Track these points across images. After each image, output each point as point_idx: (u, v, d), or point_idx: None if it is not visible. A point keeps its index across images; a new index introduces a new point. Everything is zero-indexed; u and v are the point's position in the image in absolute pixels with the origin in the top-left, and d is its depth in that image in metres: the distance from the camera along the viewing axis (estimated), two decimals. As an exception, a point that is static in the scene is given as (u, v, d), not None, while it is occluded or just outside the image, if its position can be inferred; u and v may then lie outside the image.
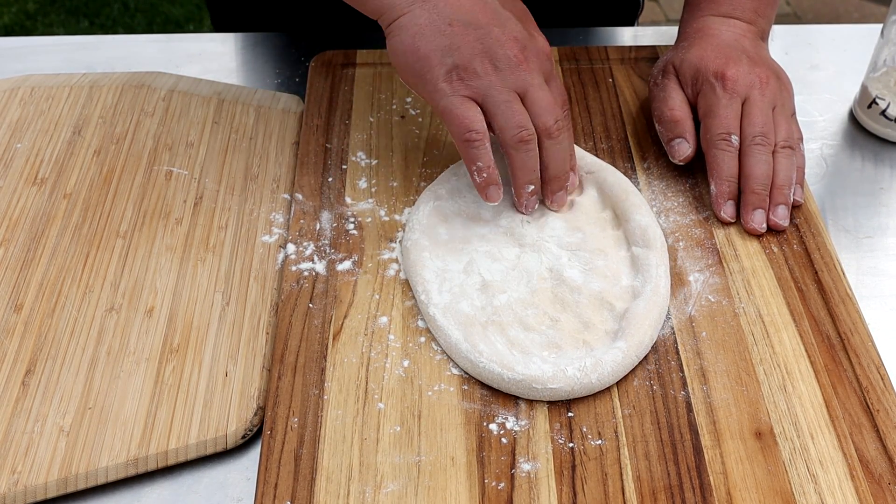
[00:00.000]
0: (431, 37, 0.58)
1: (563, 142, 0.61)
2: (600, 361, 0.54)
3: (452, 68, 0.58)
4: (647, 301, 0.57)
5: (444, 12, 0.58)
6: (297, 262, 0.62)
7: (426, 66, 0.58)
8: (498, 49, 0.58)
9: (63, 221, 0.65)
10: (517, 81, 0.59)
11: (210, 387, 0.55)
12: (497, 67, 0.58)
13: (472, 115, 0.58)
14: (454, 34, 0.58)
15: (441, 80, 0.58)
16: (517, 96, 0.59)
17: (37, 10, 2.26)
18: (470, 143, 0.58)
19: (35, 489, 0.51)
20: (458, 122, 0.58)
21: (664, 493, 0.50)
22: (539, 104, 0.59)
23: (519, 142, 0.59)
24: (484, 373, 0.54)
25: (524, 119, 0.59)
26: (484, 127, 0.59)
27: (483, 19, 0.59)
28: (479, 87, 0.58)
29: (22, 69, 0.81)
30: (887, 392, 0.55)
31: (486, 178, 0.60)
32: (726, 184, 0.65)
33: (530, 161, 0.60)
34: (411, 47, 0.58)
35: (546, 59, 0.62)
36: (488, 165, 0.59)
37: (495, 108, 0.59)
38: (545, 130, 0.60)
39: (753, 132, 0.65)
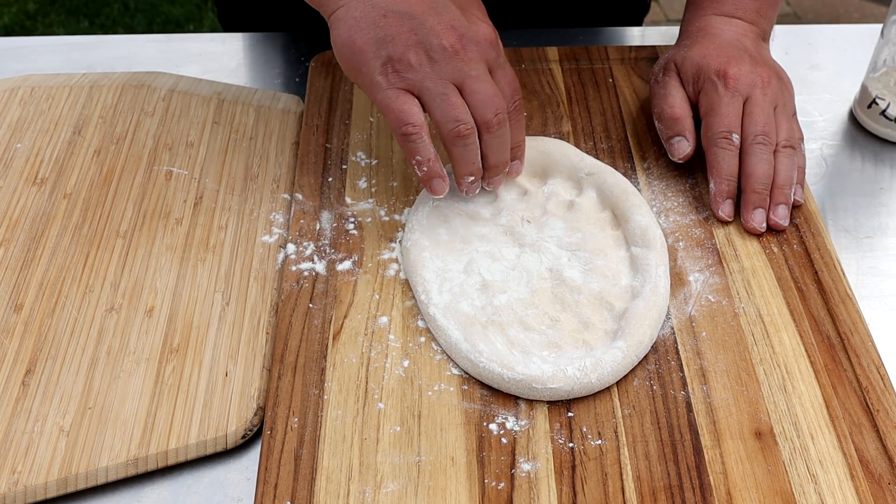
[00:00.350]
0: (366, 29, 0.57)
1: (502, 134, 0.60)
2: (600, 361, 0.54)
3: (387, 61, 0.57)
4: (647, 301, 0.57)
5: (379, 4, 0.57)
6: (297, 262, 0.62)
7: (362, 60, 0.57)
8: (433, 39, 0.57)
9: (63, 221, 0.65)
10: (454, 72, 0.57)
11: (210, 387, 0.55)
12: (432, 59, 0.57)
13: (408, 108, 0.57)
14: (388, 25, 0.57)
15: (377, 73, 0.57)
16: (454, 88, 0.58)
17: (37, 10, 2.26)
18: (407, 136, 0.58)
19: (35, 489, 0.51)
20: (394, 116, 0.57)
21: (664, 493, 0.50)
22: (477, 96, 0.58)
23: (456, 136, 0.58)
24: (484, 373, 0.54)
25: (461, 112, 0.58)
26: (421, 119, 0.58)
27: (418, 9, 0.57)
28: (415, 80, 0.57)
29: (22, 69, 0.81)
30: (887, 392, 0.55)
31: (428, 170, 0.59)
32: (725, 182, 0.65)
33: (469, 154, 0.59)
34: (348, 40, 0.58)
35: (489, 46, 0.60)
36: (428, 158, 0.59)
37: (431, 101, 0.58)
38: (484, 124, 0.59)
39: (755, 131, 0.64)
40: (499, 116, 0.59)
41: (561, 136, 0.72)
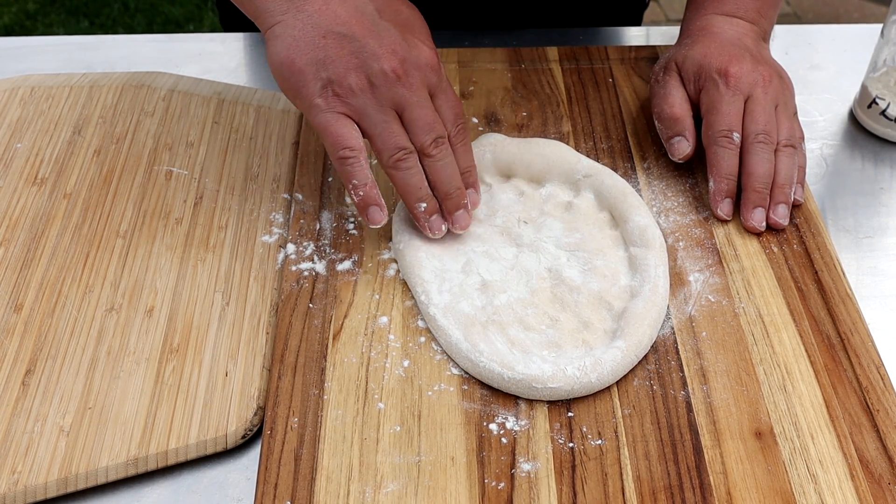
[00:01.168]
0: (306, 49, 0.56)
1: (443, 159, 0.59)
2: (599, 361, 0.54)
3: (327, 83, 0.56)
4: (646, 301, 0.57)
5: (319, 23, 0.56)
6: (297, 262, 0.62)
7: (301, 81, 0.56)
8: (374, 63, 0.56)
9: (63, 221, 0.65)
10: (394, 98, 0.57)
11: (210, 387, 0.55)
12: (372, 84, 0.56)
13: (346, 132, 0.56)
14: (328, 47, 0.56)
15: (316, 96, 0.56)
16: (394, 114, 0.57)
17: (37, 10, 2.26)
18: (344, 160, 0.57)
19: (35, 489, 0.51)
20: (331, 140, 0.56)
21: (664, 493, 0.50)
22: (417, 123, 0.57)
23: (396, 161, 0.57)
24: (484, 372, 0.54)
25: (401, 139, 0.57)
26: (359, 144, 0.57)
27: (359, 31, 0.56)
28: (355, 104, 0.56)
29: (22, 69, 0.81)
30: (887, 392, 0.55)
31: (364, 195, 0.58)
32: (725, 181, 0.64)
33: (411, 179, 0.58)
34: (286, 59, 0.56)
35: (430, 71, 0.58)
36: (364, 183, 0.57)
37: (371, 127, 0.57)
38: (422, 149, 0.58)
39: (756, 130, 0.64)
40: (438, 141, 0.58)
41: (561, 135, 0.72)
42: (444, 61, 0.79)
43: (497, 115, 0.74)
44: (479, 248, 0.62)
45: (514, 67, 0.78)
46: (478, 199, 0.63)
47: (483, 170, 0.67)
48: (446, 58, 0.79)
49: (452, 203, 0.60)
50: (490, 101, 0.75)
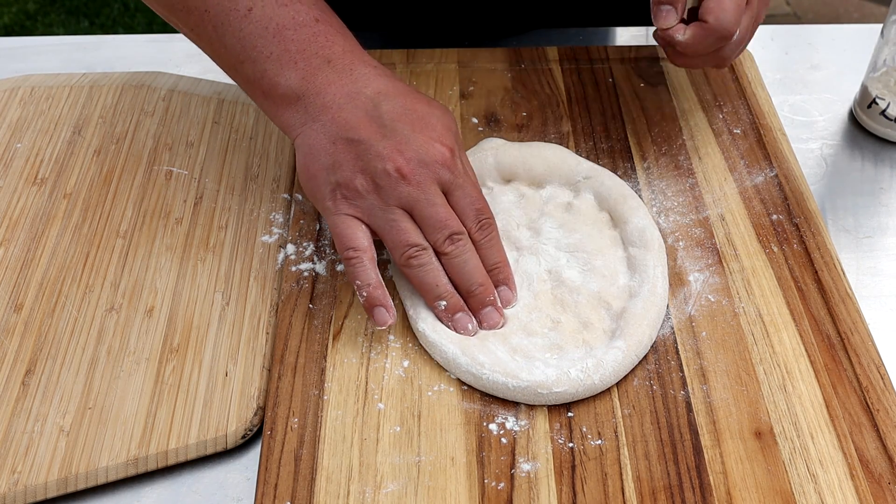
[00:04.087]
0: (318, 156, 0.57)
1: (460, 255, 0.57)
2: (601, 362, 0.54)
3: (336, 186, 0.57)
4: (645, 301, 0.57)
5: (331, 130, 0.57)
6: (297, 263, 0.62)
7: (315, 186, 0.58)
8: (378, 164, 0.56)
9: (63, 221, 0.65)
10: (401, 197, 0.56)
11: (210, 387, 0.55)
12: (378, 185, 0.56)
13: (352, 232, 0.56)
14: (337, 152, 0.57)
15: (327, 199, 0.57)
16: (404, 213, 0.56)
17: (37, 10, 2.26)
18: (348, 260, 0.56)
19: (35, 489, 0.51)
20: (338, 241, 0.57)
21: (664, 493, 0.50)
22: (427, 221, 0.56)
23: (408, 259, 0.56)
24: (488, 384, 0.54)
25: (412, 236, 0.56)
26: (363, 244, 0.56)
27: (365, 134, 0.56)
28: (363, 206, 0.56)
29: (22, 69, 0.81)
30: (887, 392, 0.55)
31: (368, 296, 0.56)
32: None
33: (427, 277, 0.57)
34: (303, 167, 0.58)
35: (442, 167, 0.57)
36: (368, 283, 0.56)
37: (380, 228, 0.57)
38: (436, 247, 0.57)
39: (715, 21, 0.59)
40: (452, 238, 0.57)
41: (561, 136, 0.72)
42: (444, 61, 0.78)
43: (497, 116, 0.74)
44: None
45: (514, 67, 0.78)
46: (512, 296, 0.59)
47: (485, 174, 0.67)
48: (446, 58, 0.79)
49: (477, 301, 0.58)
50: (490, 102, 0.75)
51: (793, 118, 0.78)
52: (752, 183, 0.68)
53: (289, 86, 0.58)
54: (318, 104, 0.58)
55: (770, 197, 0.67)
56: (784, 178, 0.68)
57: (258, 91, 0.60)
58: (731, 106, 0.75)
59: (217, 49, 0.60)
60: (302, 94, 0.58)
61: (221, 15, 0.59)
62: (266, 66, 0.58)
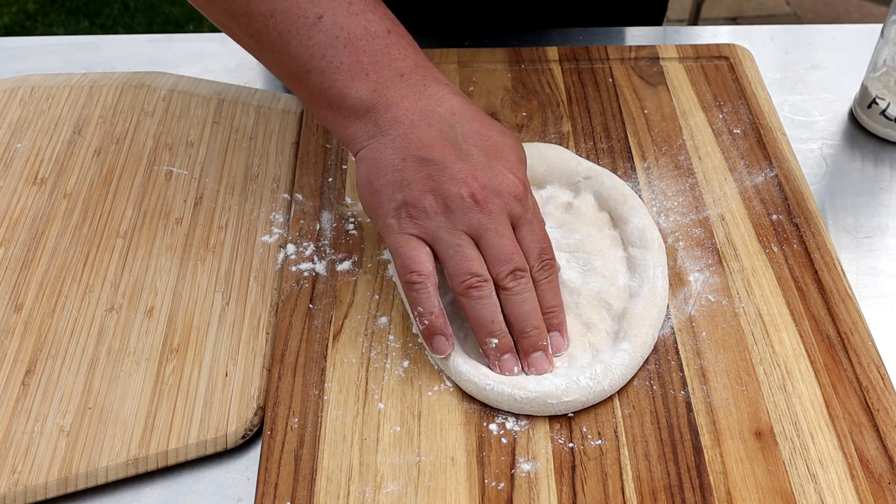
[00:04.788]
0: (384, 172, 0.55)
1: (521, 293, 0.55)
2: (609, 367, 0.54)
3: (402, 205, 0.54)
4: (646, 301, 0.57)
5: (401, 146, 0.55)
6: (297, 263, 0.62)
7: (377, 202, 0.56)
8: (451, 187, 0.54)
9: (63, 221, 0.65)
10: (471, 224, 0.54)
11: (210, 387, 0.55)
12: (448, 207, 0.54)
13: (416, 255, 0.54)
14: (406, 170, 0.55)
15: (390, 216, 0.55)
16: (470, 240, 0.54)
17: (37, 10, 2.26)
18: (412, 285, 0.54)
19: (35, 489, 0.51)
20: (401, 262, 0.55)
21: (664, 493, 0.50)
22: (493, 252, 0.54)
23: (467, 288, 0.54)
24: (493, 395, 0.53)
25: (475, 265, 0.54)
26: (429, 269, 0.54)
27: (439, 155, 0.55)
28: (428, 227, 0.54)
29: (22, 69, 0.81)
30: (887, 392, 0.55)
31: (430, 324, 0.54)
32: None
33: (484, 311, 0.54)
34: (366, 181, 0.56)
35: (514, 199, 0.55)
36: (431, 311, 0.54)
37: (444, 251, 0.54)
38: (497, 281, 0.54)
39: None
40: (516, 273, 0.54)
41: (561, 136, 0.72)
42: (444, 61, 0.78)
43: (497, 115, 0.74)
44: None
45: (514, 67, 0.78)
46: (563, 344, 0.57)
47: None
48: (446, 58, 0.79)
49: (529, 343, 0.55)
50: (490, 101, 0.75)
51: (793, 118, 0.78)
52: (752, 183, 0.68)
53: (359, 97, 0.56)
54: (388, 118, 0.56)
55: (770, 197, 0.67)
56: (784, 178, 0.68)
57: (323, 102, 0.58)
58: (731, 106, 0.75)
59: (280, 58, 0.57)
60: (372, 107, 0.56)
61: (288, 22, 0.56)
62: (335, 76, 0.56)
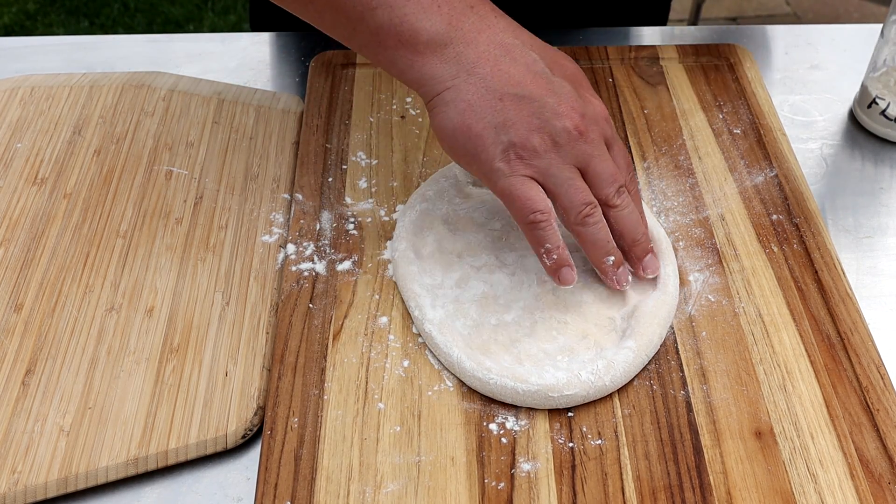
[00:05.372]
0: (483, 113, 0.54)
1: (627, 206, 0.57)
2: (612, 363, 0.54)
3: (509, 146, 0.54)
4: (657, 300, 0.57)
5: (493, 85, 0.54)
6: (297, 262, 0.62)
7: (480, 146, 0.54)
8: (556, 122, 0.54)
9: (63, 221, 0.65)
10: (578, 155, 0.55)
11: (210, 387, 0.55)
12: (556, 143, 0.54)
13: (535, 195, 0.54)
14: (506, 109, 0.54)
15: (498, 160, 0.54)
16: (578, 171, 0.55)
17: (37, 10, 2.26)
18: (536, 224, 0.55)
19: (35, 489, 0.51)
20: (520, 204, 0.54)
21: (664, 493, 0.50)
22: (601, 176, 0.56)
23: (585, 218, 0.55)
24: (496, 389, 0.54)
25: (586, 194, 0.55)
26: (548, 206, 0.55)
27: (536, 91, 0.55)
28: (540, 166, 0.54)
29: (22, 69, 0.81)
30: (887, 391, 0.55)
31: (558, 258, 0.56)
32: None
33: (599, 233, 0.56)
34: (461, 125, 0.54)
35: (605, 122, 0.58)
36: (557, 246, 0.55)
37: (557, 187, 0.55)
38: (606, 201, 0.56)
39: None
40: (620, 190, 0.56)
41: (561, 135, 0.72)
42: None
43: (497, 115, 0.74)
44: (477, 262, 0.61)
45: (514, 67, 0.78)
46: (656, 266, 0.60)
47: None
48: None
49: (641, 248, 0.58)
50: (490, 101, 0.75)
51: (793, 118, 0.78)
52: (752, 183, 0.68)
53: (435, 31, 0.54)
54: (471, 55, 0.54)
55: (770, 197, 0.67)
56: (784, 178, 0.68)
57: (392, 40, 0.55)
58: (731, 106, 0.75)
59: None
60: (449, 42, 0.54)
61: None
62: (406, 9, 0.54)
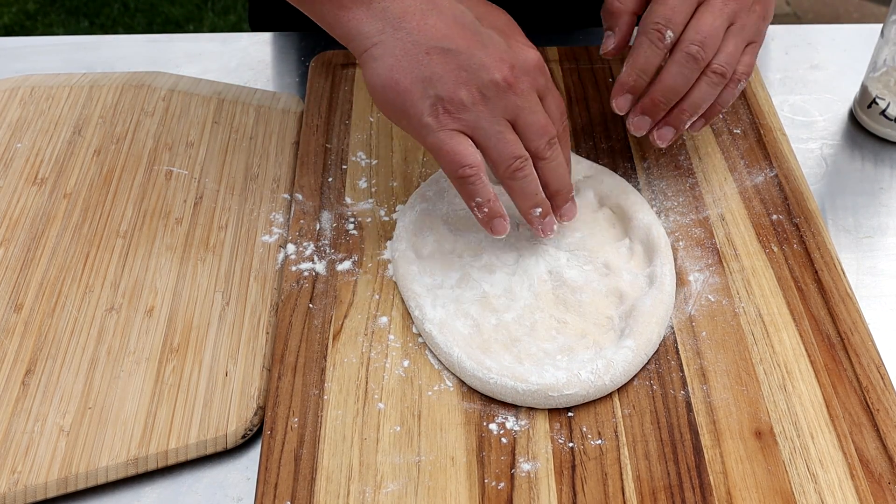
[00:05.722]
0: (409, 68, 0.53)
1: (556, 158, 0.58)
2: (611, 362, 0.54)
3: (437, 101, 0.54)
4: (654, 299, 0.57)
5: (420, 39, 0.54)
6: (297, 262, 0.62)
7: (408, 101, 0.54)
8: (484, 75, 0.54)
9: (63, 221, 0.65)
10: (507, 108, 0.55)
11: (210, 387, 0.55)
12: (484, 96, 0.54)
13: (463, 149, 0.54)
14: (433, 63, 0.53)
15: (426, 115, 0.54)
16: (507, 123, 0.55)
17: (37, 10, 2.26)
18: (465, 178, 0.55)
19: (35, 489, 0.51)
20: (449, 159, 0.55)
21: (664, 493, 0.50)
22: (531, 128, 0.56)
23: (514, 171, 0.56)
24: (496, 388, 0.54)
25: (516, 147, 0.56)
26: (478, 160, 0.55)
27: (463, 43, 0.54)
28: (468, 119, 0.54)
29: (22, 69, 0.81)
30: (887, 391, 0.55)
31: (489, 211, 0.56)
32: (634, 75, 0.60)
33: (528, 186, 0.57)
34: (390, 81, 0.54)
35: (538, 72, 0.57)
36: (488, 199, 0.56)
37: (486, 140, 0.55)
38: (537, 154, 0.57)
39: (690, 38, 0.58)
40: (551, 142, 0.57)
41: (561, 135, 0.72)
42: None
43: (497, 115, 0.74)
44: (476, 262, 0.61)
45: (514, 67, 0.78)
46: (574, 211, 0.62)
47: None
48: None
49: (562, 198, 0.60)
50: (490, 101, 0.75)
51: (793, 118, 0.78)
52: (752, 183, 0.68)
53: None
54: (397, 9, 0.54)
55: (770, 197, 0.67)
56: (784, 178, 0.68)
57: None
58: (731, 106, 0.75)
59: None
60: None
61: None
62: None
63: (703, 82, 0.59)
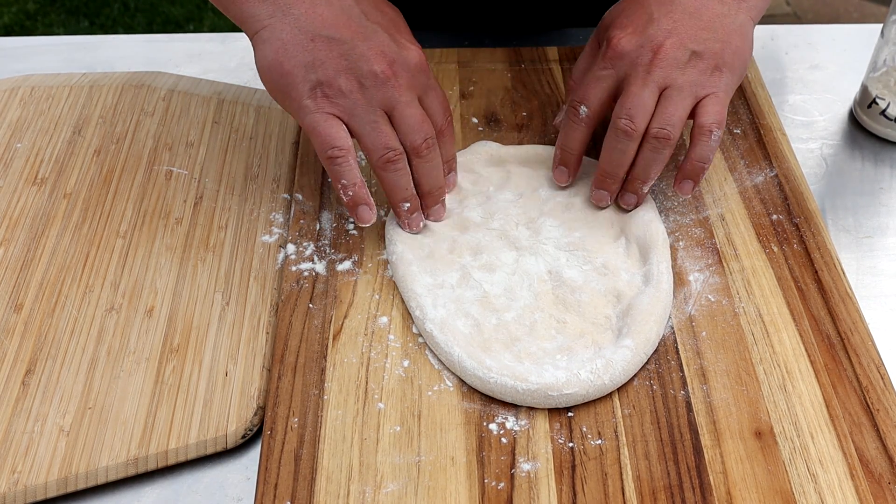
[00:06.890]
0: (294, 52, 0.56)
1: (433, 159, 0.60)
2: (611, 362, 0.54)
3: (316, 85, 0.56)
4: (651, 297, 0.57)
5: (306, 26, 0.56)
6: (297, 262, 0.62)
7: (290, 83, 0.57)
8: (363, 65, 0.56)
9: (63, 221, 0.65)
10: (383, 99, 0.57)
11: (210, 387, 0.55)
12: (362, 85, 0.57)
13: (335, 132, 0.57)
14: (317, 49, 0.56)
15: (305, 97, 0.56)
16: (384, 115, 0.58)
17: (37, 10, 2.26)
18: (333, 160, 0.57)
19: (35, 489, 0.51)
20: (320, 140, 0.57)
21: (664, 493, 0.50)
22: (407, 122, 0.58)
23: (386, 162, 0.58)
24: (496, 388, 0.54)
25: (390, 139, 0.58)
26: (348, 143, 0.57)
27: (347, 33, 0.57)
28: (344, 106, 0.57)
29: (22, 69, 0.81)
30: (887, 391, 0.55)
31: (353, 195, 0.59)
32: (560, 151, 0.64)
33: (400, 180, 0.59)
34: (275, 63, 0.57)
35: (419, 71, 0.59)
36: (354, 183, 0.58)
37: (360, 128, 0.57)
38: (413, 150, 0.59)
39: (617, 113, 0.59)
40: (428, 141, 0.59)
41: (561, 135, 0.72)
42: (444, 61, 0.79)
43: (497, 115, 0.74)
44: (476, 262, 0.61)
45: (514, 67, 0.78)
46: (455, 181, 0.65)
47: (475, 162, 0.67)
48: (446, 58, 0.79)
49: (432, 199, 0.62)
50: (490, 101, 0.75)
51: (793, 118, 0.78)
52: (752, 183, 0.68)
53: None
54: None
55: (770, 197, 0.67)
56: (784, 178, 0.68)
57: None
58: (731, 105, 0.75)
59: None
60: None
61: None
62: None
63: (645, 149, 0.60)
